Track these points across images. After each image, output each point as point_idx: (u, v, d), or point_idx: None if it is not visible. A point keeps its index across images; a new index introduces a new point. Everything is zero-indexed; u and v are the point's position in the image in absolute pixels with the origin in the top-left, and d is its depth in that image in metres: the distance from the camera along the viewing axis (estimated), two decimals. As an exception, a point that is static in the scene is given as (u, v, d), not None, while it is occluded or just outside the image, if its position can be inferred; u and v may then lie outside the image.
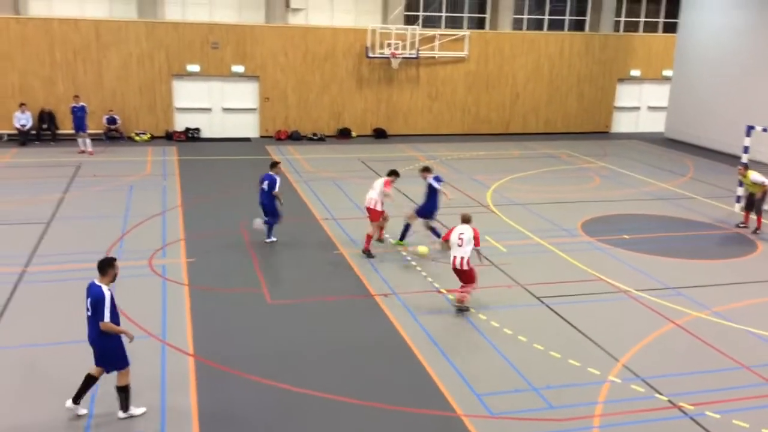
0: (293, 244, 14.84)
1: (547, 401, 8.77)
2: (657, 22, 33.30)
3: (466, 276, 11.37)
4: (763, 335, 10.81)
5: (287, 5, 27.82)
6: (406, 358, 9.86)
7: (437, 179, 14.42)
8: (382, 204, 14.15)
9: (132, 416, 8.19)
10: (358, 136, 28.52)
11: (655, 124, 31.91)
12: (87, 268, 12.83)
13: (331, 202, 18.09)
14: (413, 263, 13.72)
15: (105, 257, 8.25)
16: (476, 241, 11.32)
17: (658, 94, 32.02)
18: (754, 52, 25.54)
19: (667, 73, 31.27)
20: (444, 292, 12.22)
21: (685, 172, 23.20)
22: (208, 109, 27.41)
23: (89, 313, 7.90)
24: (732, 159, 23.62)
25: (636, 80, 31.83)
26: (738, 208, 18.12)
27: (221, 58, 26.76)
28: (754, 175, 16.22)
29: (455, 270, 11.38)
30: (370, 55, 27.76)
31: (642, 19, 33.12)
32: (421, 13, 30.03)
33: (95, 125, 25.23)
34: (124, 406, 8.17)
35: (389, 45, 27.70)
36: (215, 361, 9.61)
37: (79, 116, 23.27)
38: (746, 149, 18.08)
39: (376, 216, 14.13)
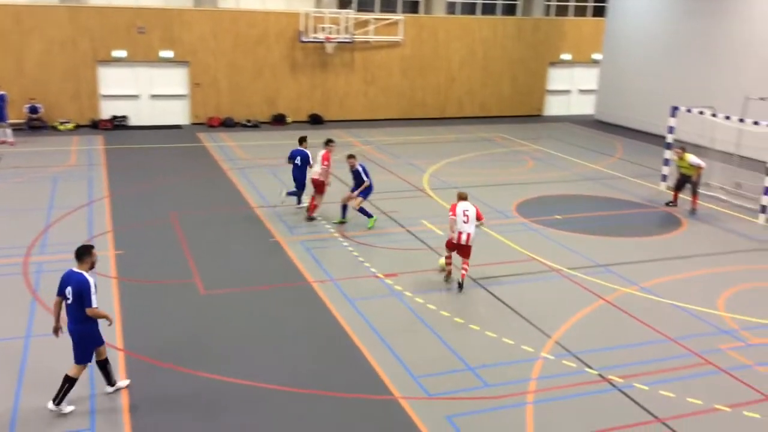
0: (227, 233, 14.58)
1: (482, 380, 8.88)
2: (586, 6, 33.98)
3: (467, 251, 11.73)
4: (687, 308, 11.21)
5: (217, -12, 27.19)
6: (343, 344, 9.82)
7: (364, 170, 14.78)
8: (327, 175, 15.22)
9: (61, 412, 7.95)
10: (293, 122, 28.19)
11: (586, 106, 32.64)
12: (9, 263, 12.37)
13: (266, 190, 17.83)
14: (350, 248, 13.67)
15: (83, 245, 8.19)
16: (479, 216, 11.87)
17: (588, 77, 32.73)
18: (677, 36, 26.36)
19: (597, 56, 31.97)
20: (381, 276, 12.21)
21: (614, 153, 23.82)
22: (136, 96, 26.57)
23: (70, 302, 7.83)
24: (658, 139, 24.37)
25: (567, 64, 32.45)
26: (664, 186, 18.72)
27: (148, 43, 25.96)
28: (691, 158, 16.67)
29: (459, 245, 11.66)
30: (304, 39, 27.42)
31: (572, 3, 33.74)
32: (354, -3, 29.82)
33: (16, 114, 24.13)
34: (60, 398, 7.98)
35: (323, 29, 27.41)
36: (146, 354, 9.36)
37: (-2, 105, 22.24)
38: (671, 129, 18.66)
39: (321, 187, 15.18)
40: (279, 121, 27.98)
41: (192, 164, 20.71)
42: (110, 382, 8.41)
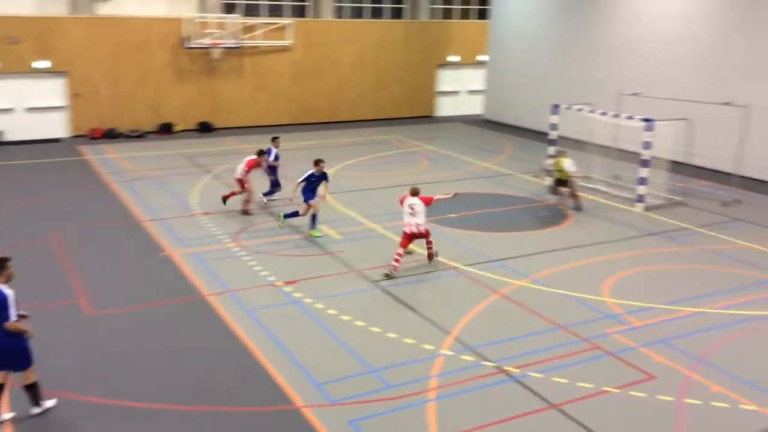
0: (114, 249, 13.96)
1: (384, 381, 8.93)
2: (470, 9, 34.98)
3: (425, 234, 12.90)
4: (575, 296, 11.72)
5: (93, -6, 26.04)
6: (242, 357, 9.61)
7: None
8: (246, 174, 16.15)
9: (47, 409, 8.00)
10: (181, 130, 27.40)
11: (475, 106, 33.58)
12: None
13: (154, 203, 17.21)
14: (246, 258, 13.41)
15: None
16: (429, 203, 12.99)
17: (475, 78, 33.68)
18: (557, 37, 27.60)
19: (482, 58, 32.96)
20: (280, 284, 12.05)
21: (503, 151, 24.62)
22: (10, 110, 25.01)
23: None
24: (543, 136, 25.39)
25: (455, 66, 33.26)
26: (550, 181, 19.52)
27: (20, 53, 24.51)
28: (566, 163, 16.99)
29: (413, 235, 12.75)
30: (188, 45, 26.71)
31: (457, 7, 34.64)
32: (240, 1, 29.36)
33: None
34: (36, 401, 7.91)
35: (208, 35, 26.81)
36: (30, 383, 8.79)
37: None
38: (554, 126, 19.48)
39: (243, 186, 16.21)
40: (166, 130, 27.11)
41: (73, 179, 19.71)
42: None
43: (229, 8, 28.98)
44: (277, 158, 17.16)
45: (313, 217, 14.79)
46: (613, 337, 10.21)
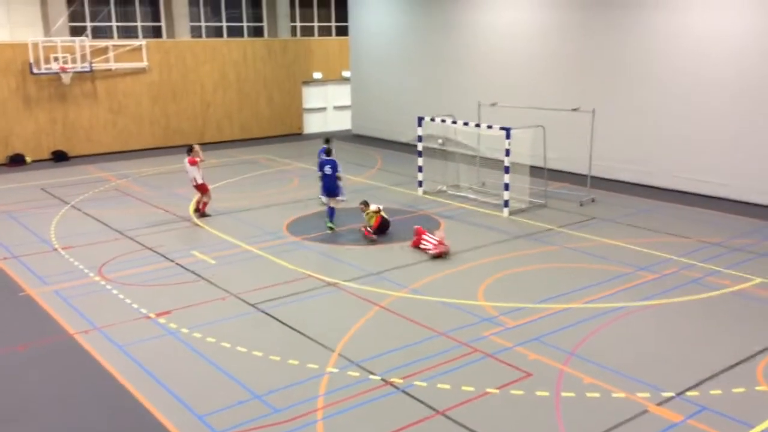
0: (-35, 293, 12.81)
1: (271, 406, 8.74)
2: (330, 26, 35.33)
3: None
4: (452, 303, 12.06)
5: None
6: (116, 396, 9.07)
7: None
8: (201, 177, 17.36)
9: None
10: (34, 161, 25.68)
11: (343, 122, 33.90)
12: None
13: (8, 239, 15.98)
14: (114, 291, 12.72)
15: None
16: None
17: (341, 93, 34.01)
18: (415, 50, 28.42)
19: (346, 73, 33.35)
20: (153, 316, 11.53)
21: (374, 165, 24.97)
22: None
23: None
24: (411, 148, 26.03)
25: (319, 82, 33.43)
26: (421, 192, 20.04)
27: None
28: (372, 206, 16.12)
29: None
30: (35, 71, 25.12)
31: (316, 24, 34.87)
32: (88, 24, 28.00)
33: None
34: None
35: (56, 59, 25.35)
36: None
37: None
38: (420, 138, 20.02)
39: (203, 189, 17.50)
40: (17, 161, 25.32)
41: None
42: None
43: (78, 31, 27.57)
44: (336, 167, 16.99)
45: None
46: (490, 339, 10.58)
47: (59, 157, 26.12)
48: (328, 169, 16.59)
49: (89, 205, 18.99)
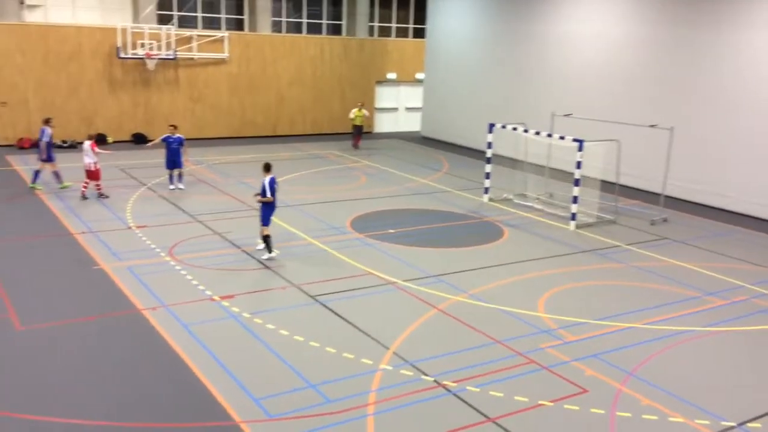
0: (45, 262, 13.48)
1: (324, 396, 8.90)
2: (407, 27, 35.49)
3: None
4: (510, 311, 11.98)
5: (21, 1, 25.23)
6: (178, 372, 9.41)
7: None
8: (96, 164, 17.93)
9: None
10: (114, 141, 26.74)
11: (413, 123, 34.04)
12: None
13: (87, 215, 16.73)
14: (183, 272, 13.17)
15: None
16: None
17: (413, 95, 34.16)
18: (492, 58, 28.28)
19: (420, 75, 33.45)
20: (217, 299, 11.88)
21: (440, 168, 24.99)
22: (-69, 116, 23.95)
23: None
24: (479, 154, 25.93)
25: (393, 83, 33.64)
26: (486, 198, 19.94)
27: (-56, 57, 23.53)
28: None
29: None
30: (122, 55, 26.16)
31: (394, 25, 35.09)
32: (175, 13, 28.96)
33: None
34: None
35: (143, 45, 26.33)
36: (-48, 402, 8.40)
37: None
38: (489, 144, 19.93)
39: (96, 175, 18.05)
40: (99, 141, 26.30)
41: (2, 190, 18.97)
42: None
43: (165, 19, 28.56)
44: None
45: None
46: (547, 352, 10.47)
47: (139, 140, 27.13)
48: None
49: (164, 188, 19.68)
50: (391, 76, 33.28)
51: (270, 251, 14.07)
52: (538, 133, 19.02)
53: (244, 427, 8.17)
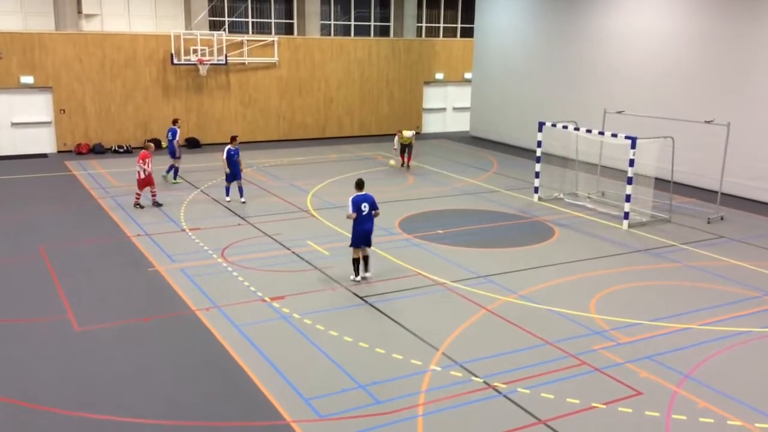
0: (103, 264, 13.90)
1: (373, 396, 8.94)
2: (455, 27, 35.34)
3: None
4: (562, 312, 11.81)
5: (79, 11, 26.07)
6: (230, 372, 9.59)
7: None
8: (145, 173, 17.95)
9: None
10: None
11: (461, 123, 33.86)
12: None
13: (142, 218, 17.18)
14: (234, 273, 13.40)
15: None
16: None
17: (461, 95, 33.98)
18: (541, 57, 27.94)
19: (468, 75, 33.27)
20: (268, 300, 12.05)
21: (489, 168, 24.80)
22: (-4, 125, 24.95)
23: None
24: (529, 153, 25.63)
25: (440, 83, 33.55)
26: (536, 198, 19.68)
27: (6, 68, 24.50)
28: (408, 133, 23.78)
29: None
30: (176, 61, 26.77)
31: (441, 25, 34.99)
32: (226, 19, 29.50)
33: None
34: None
35: (195, 51, 26.90)
36: (17, 398, 8.72)
37: None
38: (539, 143, 19.68)
39: (142, 184, 18.07)
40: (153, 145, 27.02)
41: (61, 194, 19.65)
42: None
43: (216, 25, 29.11)
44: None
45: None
46: (600, 353, 10.29)
47: (192, 144, 27.72)
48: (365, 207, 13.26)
49: (216, 191, 20.06)
50: (439, 76, 33.19)
51: (357, 274, 13.07)
52: (589, 131, 18.70)
53: (295, 426, 8.27)
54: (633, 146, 16.72)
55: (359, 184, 13.25)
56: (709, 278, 13.69)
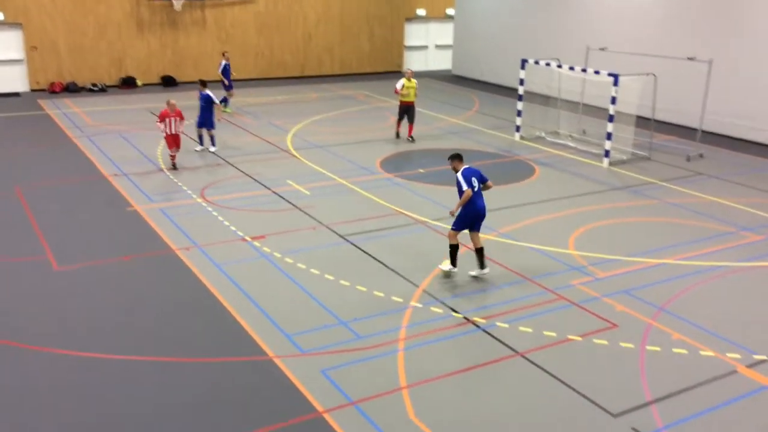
0: (80, 204, 13.75)
1: (354, 332, 9.04)
2: (437, -39, 34.45)
3: None
4: (541, 249, 11.93)
5: (48, -58, 25.05)
6: (212, 310, 9.63)
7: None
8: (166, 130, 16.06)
9: None
10: (144, 84, 26.80)
11: (443, 61, 33.40)
12: None
13: (118, 157, 16.93)
14: (214, 213, 13.32)
15: None
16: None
17: (443, 32, 33.41)
18: (524, -10, 27.42)
19: (450, 11, 32.64)
20: (249, 239, 12.03)
21: (471, 107, 24.62)
22: (-36, 62, 24.22)
23: None
24: (511, 91, 25.44)
25: (422, 19, 32.91)
26: (518, 137, 19.65)
27: (-26, 3, 23.62)
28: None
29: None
30: (150, -4, 25.96)
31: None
32: (202, -48, 28.50)
33: None
34: None
35: (170, -15, 26.06)
36: (2, 338, 8.73)
37: None
38: (522, 81, 19.51)
39: (169, 143, 16.11)
40: (128, 84, 26.49)
41: (35, 133, 19.26)
42: None
43: (192, -42, 28.14)
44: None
45: None
46: (577, 288, 10.45)
47: (168, 82, 27.15)
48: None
49: (194, 131, 19.74)
50: (421, 12, 32.53)
51: (454, 265, 10.80)
52: (572, 68, 18.53)
53: (278, 361, 8.36)
54: (615, 83, 16.62)
55: (460, 156, 11.22)
56: (687, 215, 13.85)
